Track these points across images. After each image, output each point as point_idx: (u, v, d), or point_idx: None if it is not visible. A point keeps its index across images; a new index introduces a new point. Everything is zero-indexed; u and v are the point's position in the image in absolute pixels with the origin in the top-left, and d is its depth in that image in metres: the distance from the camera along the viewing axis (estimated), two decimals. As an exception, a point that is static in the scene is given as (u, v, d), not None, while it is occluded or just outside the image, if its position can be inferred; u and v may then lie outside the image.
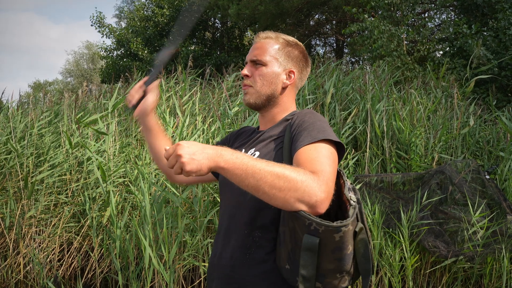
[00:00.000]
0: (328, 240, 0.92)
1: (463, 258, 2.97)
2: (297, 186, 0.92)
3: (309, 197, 0.92)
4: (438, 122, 4.28)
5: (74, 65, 31.37)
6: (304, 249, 0.93)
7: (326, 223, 0.90)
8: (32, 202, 3.50)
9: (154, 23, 13.43)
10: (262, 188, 0.93)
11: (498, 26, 6.46)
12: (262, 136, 1.25)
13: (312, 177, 0.94)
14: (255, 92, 1.24)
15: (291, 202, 0.92)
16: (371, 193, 3.46)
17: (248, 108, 1.31)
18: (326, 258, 0.95)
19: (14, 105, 5.50)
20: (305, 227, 0.92)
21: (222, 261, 1.18)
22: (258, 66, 1.24)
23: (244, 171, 0.93)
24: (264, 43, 1.26)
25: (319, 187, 0.93)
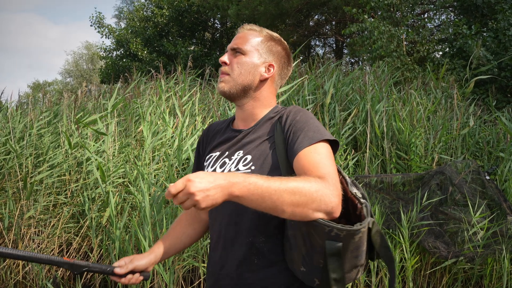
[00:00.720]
0: (349, 243, 0.95)
1: (463, 259, 2.96)
2: (313, 197, 0.93)
3: (325, 205, 0.93)
4: (438, 122, 4.28)
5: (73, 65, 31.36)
6: (329, 255, 0.95)
7: (348, 228, 0.92)
8: (31, 203, 3.49)
9: (154, 24, 13.43)
10: (280, 208, 0.92)
11: (498, 27, 6.46)
12: (248, 136, 1.21)
13: (323, 184, 0.95)
14: (231, 80, 1.20)
15: (309, 214, 0.93)
16: (371, 194, 3.46)
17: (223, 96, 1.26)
18: (346, 258, 0.97)
19: (13, 105, 5.49)
20: (325, 233, 0.94)
21: (227, 270, 1.16)
22: (238, 55, 1.21)
23: (260, 196, 0.91)
24: (247, 33, 1.23)
25: (331, 192, 0.95)
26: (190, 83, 6.18)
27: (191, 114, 4.56)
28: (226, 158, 1.20)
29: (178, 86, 5.48)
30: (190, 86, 5.99)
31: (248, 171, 1.13)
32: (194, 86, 5.89)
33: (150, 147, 3.56)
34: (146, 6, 14.49)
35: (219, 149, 1.25)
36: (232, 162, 1.18)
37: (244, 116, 1.25)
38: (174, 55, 12.48)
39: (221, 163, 1.20)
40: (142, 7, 14.65)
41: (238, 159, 1.17)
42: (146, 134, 3.63)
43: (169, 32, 13.67)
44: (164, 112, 4.18)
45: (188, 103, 4.54)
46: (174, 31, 13.57)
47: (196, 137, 3.68)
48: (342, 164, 3.52)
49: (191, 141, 3.48)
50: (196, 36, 14.13)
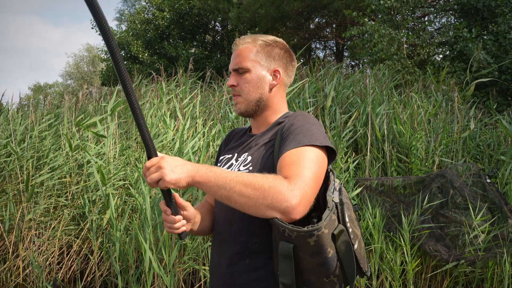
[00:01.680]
0: (303, 245, 0.92)
1: (464, 262, 2.96)
2: (265, 193, 0.92)
3: (278, 203, 0.92)
4: (439, 125, 4.28)
5: (74, 67, 31.41)
6: (281, 256, 0.94)
7: (297, 229, 0.90)
8: (32, 205, 3.49)
9: (155, 26, 13.45)
10: (233, 198, 0.95)
11: (498, 30, 6.47)
12: (255, 140, 1.23)
13: (282, 182, 0.94)
14: (244, 100, 1.22)
15: (262, 209, 0.93)
16: (371, 197, 3.46)
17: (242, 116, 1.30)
18: (307, 264, 0.94)
19: (14, 107, 5.50)
20: (280, 234, 0.93)
21: (220, 269, 1.17)
22: (242, 74, 1.22)
23: (216, 184, 0.96)
24: (242, 49, 1.23)
25: (289, 192, 0.92)
26: (191, 86, 6.19)
27: (192, 116, 4.57)
28: (234, 160, 1.24)
29: (179, 88, 5.48)
30: (191, 88, 6.00)
31: (246, 171, 1.14)
32: (195, 88, 5.89)
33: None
34: (147, 8, 14.52)
35: (231, 152, 1.28)
36: (238, 163, 1.20)
37: (258, 124, 1.27)
38: (175, 57, 12.50)
39: (229, 164, 1.24)
40: (143, 9, 14.68)
41: (242, 161, 1.20)
42: (147, 137, 3.63)
43: (170, 35, 13.69)
44: (165, 114, 4.18)
45: (189, 106, 4.54)
46: (175, 33, 13.59)
47: (197, 139, 3.68)
48: (343, 167, 3.52)
49: (192, 144, 3.48)
50: (197, 38, 14.15)
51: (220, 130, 3.90)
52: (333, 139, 3.86)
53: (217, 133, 3.88)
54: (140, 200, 3.04)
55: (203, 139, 3.73)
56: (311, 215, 1.00)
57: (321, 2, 10.62)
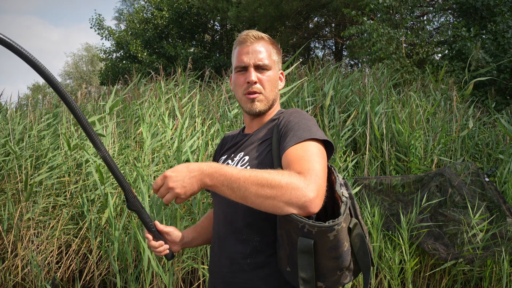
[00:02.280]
0: (323, 241, 0.92)
1: (462, 260, 2.96)
2: (283, 190, 0.91)
3: (297, 198, 0.91)
4: (437, 124, 4.28)
5: (73, 67, 31.38)
6: (300, 251, 0.93)
7: (319, 224, 0.90)
8: (31, 204, 3.49)
9: (154, 26, 13.43)
10: (249, 198, 0.94)
11: (497, 29, 6.48)
12: (250, 139, 1.23)
13: (298, 177, 0.94)
14: (265, 99, 1.21)
15: (280, 207, 0.92)
16: (370, 196, 3.46)
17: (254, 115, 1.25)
18: (324, 258, 0.94)
19: (13, 107, 5.49)
20: (298, 230, 0.92)
21: (222, 268, 1.16)
22: (263, 71, 1.20)
23: (229, 186, 0.95)
24: (263, 46, 1.21)
25: (306, 186, 0.92)
26: (190, 85, 6.19)
27: (190, 115, 4.56)
28: (229, 159, 1.23)
29: (177, 87, 5.48)
30: (190, 88, 5.99)
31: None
32: (193, 88, 5.89)
33: (150, 148, 3.56)
34: (146, 8, 14.50)
35: (227, 153, 1.29)
36: (234, 163, 1.20)
37: (253, 123, 1.27)
38: (174, 57, 12.49)
39: (226, 163, 1.23)
40: (142, 9, 14.66)
41: (238, 160, 1.19)
42: (146, 136, 3.63)
43: (169, 34, 13.68)
44: (163, 113, 4.18)
45: (187, 105, 4.54)
46: (174, 33, 13.58)
47: (196, 138, 3.68)
48: (341, 166, 3.52)
49: (191, 143, 3.48)
50: (195, 38, 14.15)
51: (218, 129, 3.90)
52: (332, 138, 3.86)
53: (215, 132, 3.88)
54: (139, 199, 3.04)
55: (201, 138, 3.73)
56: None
57: (320, 1, 10.62)
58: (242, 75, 1.21)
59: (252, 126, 1.28)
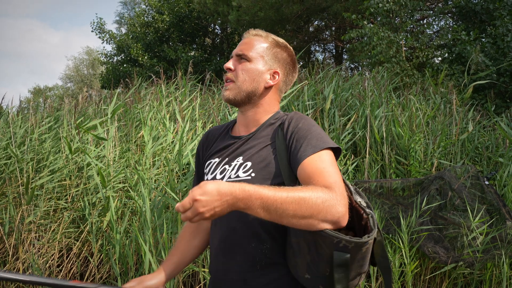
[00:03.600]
0: (357, 253, 0.95)
1: (462, 264, 2.97)
2: (319, 208, 0.93)
3: (332, 215, 0.93)
4: (437, 128, 4.30)
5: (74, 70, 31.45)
6: (336, 265, 0.95)
7: (356, 240, 0.93)
8: (32, 208, 3.49)
9: (154, 29, 13.48)
10: (286, 219, 0.94)
11: (496, 32, 6.50)
12: (248, 142, 1.19)
13: (330, 194, 0.95)
14: (236, 88, 1.19)
15: (315, 224, 0.93)
16: (370, 199, 3.47)
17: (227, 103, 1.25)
18: (352, 269, 0.98)
19: (14, 110, 5.52)
20: (333, 244, 0.94)
21: (230, 276, 1.15)
22: (243, 61, 1.20)
23: (265, 208, 0.92)
24: (252, 39, 1.22)
25: (338, 202, 0.95)
26: (191, 89, 6.21)
27: (191, 119, 4.58)
28: (226, 164, 1.19)
29: (178, 91, 5.50)
30: (191, 91, 6.01)
31: (249, 178, 1.12)
32: (194, 91, 5.91)
33: (151, 152, 3.58)
34: (147, 11, 14.56)
35: (218, 155, 1.24)
36: (232, 168, 1.17)
37: (246, 122, 1.24)
38: (175, 60, 12.53)
39: (221, 169, 1.20)
40: (143, 12, 14.72)
41: (238, 166, 1.16)
42: (147, 139, 3.65)
43: (169, 38, 13.72)
44: (164, 117, 4.20)
45: (188, 108, 4.56)
46: (174, 36, 13.63)
47: (197, 142, 3.69)
48: (342, 169, 3.53)
49: (192, 146, 3.49)
50: (196, 41, 14.19)
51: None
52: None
53: (216, 136, 3.89)
54: (140, 202, 3.05)
55: (202, 141, 3.73)
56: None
57: (320, 5, 10.66)
58: None
59: (246, 125, 1.24)
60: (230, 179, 1.15)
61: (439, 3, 9.61)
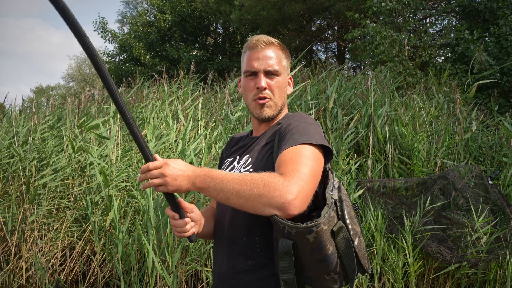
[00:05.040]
0: (303, 242, 0.92)
1: (466, 264, 2.95)
2: (261, 191, 0.93)
3: (275, 200, 0.92)
4: (441, 127, 4.28)
5: (76, 70, 31.51)
6: (281, 253, 0.94)
7: (296, 225, 0.91)
8: (35, 207, 3.50)
9: (157, 29, 13.48)
10: (231, 199, 0.96)
11: (500, 32, 6.48)
12: (256, 141, 1.24)
13: (278, 179, 0.94)
14: (274, 105, 1.22)
15: (260, 207, 0.94)
16: (373, 198, 3.46)
17: (263, 120, 1.24)
18: (306, 261, 0.95)
19: (17, 109, 5.52)
20: (280, 231, 0.94)
21: (223, 270, 1.18)
22: (273, 77, 1.21)
23: (214, 188, 0.98)
24: (274, 51, 1.22)
25: (285, 188, 0.92)
26: (193, 88, 6.21)
27: (194, 118, 4.58)
28: (236, 162, 1.25)
29: (180, 90, 5.50)
30: (193, 90, 6.01)
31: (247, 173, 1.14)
32: (196, 90, 5.90)
33: (153, 151, 3.57)
34: (149, 11, 14.56)
35: (234, 155, 1.30)
36: (240, 165, 1.21)
37: (261, 127, 1.28)
38: (177, 59, 12.53)
39: (232, 166, 1.25)
40: (145, 12, 14.73)
41: (243, 162, 1.21)
42: (150, 138, 3.65)
43: (171, 37, 13.72)
44: (167, 116, 4.20)
45: (190, 108, 4.55)
46: (176, 36, 13.63)
47: (199, 141, 3.69)
48: (344, 169, 3.52)
49: (194, 145, 3.49)
50: (198, 41, 14.19)
51: (221, 132, 3.90)
52: (335, 141, 3.87)
53: (219, 135, 3.89)
54: (143, 201, 3.05)
55: (205, 141, 3.74)
56: (311, 214, 1.00)
57: (323, 4, 10.64)
58: (252, 80, 1.22)
59: (260, 129, 1.29)
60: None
61: (442, 2, 9.58)
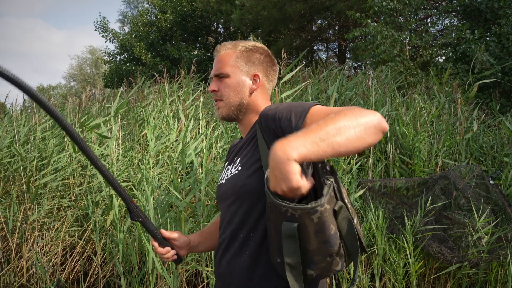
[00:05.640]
0: (307, 223, 0.91)
1: (467, 264, 2.95)
2: (358, 122, 0.91)
3: (374, 124, 0.92)
4: (442, 127, 4.27)
5: (77, 69, 31.55)
6: (284, 236, 0.92)
7: (301, 206, 0.89)
8: (35, 206, 3.50)
9: (157, 28, 13.49)
10: (343, 138, 0.89)
11: (501, 31, 6.46)
12: (244, 142, 1.26)
13: (348, 111, 0.93)
14: (225, 105, 1.26)
15: (372, 138, 0.92)
16: (374, 198, 3.45)
17: (224, 121, 1.33)
18: (310, 243, 0.93)
19: (18, 109, 5.53)
20: (282, 215, 0.92)
21: (220, 269, 1.19)
22: (223, 79, 1.26)
23: (317, 149, 0.88)
24: (223, 55, 1.27)
25: (363, 112, 0.93)
26: (194, 87, 6.21)
27: (194, 118, 4.58)
28: (229, 165, 1.28)
29: (181, 90, 5.50)
30: (194, 90, 6.01)
31: (236, 172, 1.18)
32: (197, 90, 5.91)
33: (154, 151, 3.57)
34: (150, 10, 14.57)
35: (229, 159, 1.32)
36: (231, 167, 1.24)
37: (244, 128, 1.30)
38: (178, 59, 12.54)
39: (226, 169, 1.29)
40: (146, 11, 14.74)
41: (233, 164, 1.24)
42: (150, 138, 3.65)
43: (172, 37, 13.73)
44: (167, 116, 4.20)
45: (191, 107, 4.55)
46: (177, 35, 13.63)
47: (200, 141, 3.69)
48: (345, 168, 3.52)
49: (195, 145, 3.49)
50: (199, 40, 14.20)
51: (222, 132, 3.91)
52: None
53: (219, 135, 3.89)
54: (144, 201, 3.05)
55: (205, 140, 3.74)
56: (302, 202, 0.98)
57: (324, 4, 10.64)
58: None
59: (244, 130, 1.31)
60: (227, 177, 1.23)
61: (443, 2, 9.57)
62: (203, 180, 2.96)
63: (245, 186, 1.12)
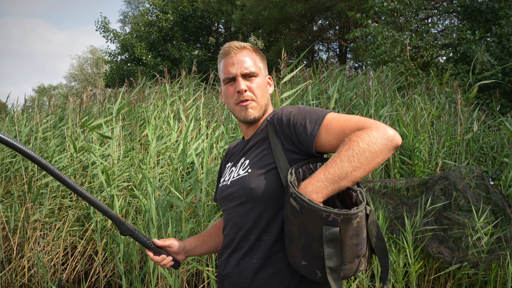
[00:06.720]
0: (347, 228, 0.94)
1: (467, 264, 2.96)
2: (371, 150, 0.96)
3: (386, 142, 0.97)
4: (442, 127, 4.28)
5: (78, 69, 31.57)
6: (326, 241, 0.94)
7: (345, 212, 0.92)
8: (37, 206, 3.51)
9: (158, 28, 13.50)
10: (355, 175, 0.97)
11: (502, 32, 6.47)
12: (249, 143, 1.25)
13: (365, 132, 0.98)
14: (257, 105, 1.23)
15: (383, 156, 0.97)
16: (374, 199, 3.46)
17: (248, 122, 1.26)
18: (345, 246, 0.96)
19: (19, 109, 5.54)
20: (322, 219, 0.94)
21: (227, 269, 1.19)
22: (251, 78, 1.22)
23: (334, 185, 0.98)
24: (246, 53, 1.24)
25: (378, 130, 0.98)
26: (194, 88, 6.21)
27: (195, 118, 4.58)
28: (233, 166, 1.26)
29: (182, 90, 5.51)
30: (195, 90, 6.02)
31: (246, 174, 1.17)
32: (198, 90, 5.92)
33: (155, 151, 3.59)
34: (151, 11, 14.58)
35: (231, 160, 1.31)
36: (237, 168, 1.22)
37: (249, 130, 1.29)
38: (179, 59, 12.55)
39: (230, 171, 1.26)
40: (146, 11, 14.75)
41: (240, 165, 1.22)
42: (151, 138, 3.66)
43: (173, 37, 13.74)
44: (168, 116, 4.21)
45: (192, 107, 4.56)
46: (178, 35, 13.64)
47: (200, 141, 3.70)
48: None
49: (196, 145, 3.50)
50: (200, 40, 14.21)
51: (223, 132, 3.91)
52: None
53: (220, 135, 3.90)
54: (144, 201, 3.06)
55: (206, 140, 3.75)
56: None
57: (324, 4, 10.64)
58: (231, 86, 1.24)
59: (248, 132, 1.29)
60: (233, 178, 1.21)
61: (444, 2, 9.57)
62: (204, 180, 2.97)
63: (258, 188, 1.12)
